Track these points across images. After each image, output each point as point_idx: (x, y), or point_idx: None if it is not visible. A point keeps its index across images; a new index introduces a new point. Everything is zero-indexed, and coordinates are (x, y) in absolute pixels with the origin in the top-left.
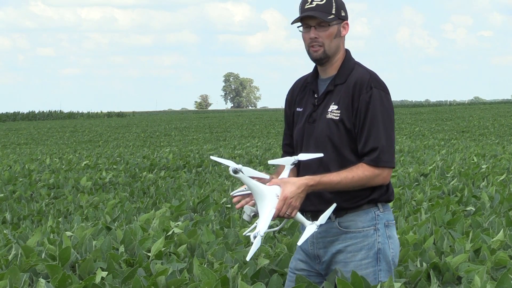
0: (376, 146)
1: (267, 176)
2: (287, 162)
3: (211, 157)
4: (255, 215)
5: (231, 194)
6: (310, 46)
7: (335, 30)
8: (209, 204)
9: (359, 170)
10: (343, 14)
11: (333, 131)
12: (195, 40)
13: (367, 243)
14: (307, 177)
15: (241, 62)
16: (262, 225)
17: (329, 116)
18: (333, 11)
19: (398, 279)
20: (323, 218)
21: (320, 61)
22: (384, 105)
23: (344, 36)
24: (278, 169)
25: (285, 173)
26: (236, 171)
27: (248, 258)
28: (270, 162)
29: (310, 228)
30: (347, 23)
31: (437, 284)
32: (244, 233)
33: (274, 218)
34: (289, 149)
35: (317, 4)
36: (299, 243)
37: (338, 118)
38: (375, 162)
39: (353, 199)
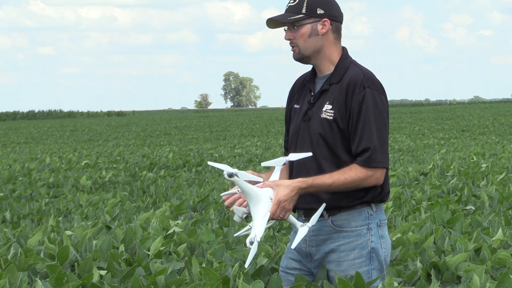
0: (369, 146)
1: (261, 179)
2: (279, 163)
3: (208, 163)
4: (247, 217)
5: (221, 195)
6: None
7: (308, 30)
8: (209, 203)
9: (352, 171)
10: (319, 11)
11: (327, 130)
12: (195, 39)
13: (360, 243)
14: (299, 179)
15: (241, 61)
16: (258, 230)
17: (323, 115)
18: (303, 11)
19: (396, 278)
20: (314, 219)
21: (300, 61)
22: (377, 105)
23: (325, 34)
24: (270, 168)
25: (276, 175)
26: (231, 175)
27: (247, 265)
28: (263, 164)
29: (303, 230)
30: (326, 20)
31: (437, 284)
32: (235, 235)
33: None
34: (287, 145)
35: (289, 6)
36: (293, 246)
37: (332, 118)
38: (367, 163)
39: (347, 198)
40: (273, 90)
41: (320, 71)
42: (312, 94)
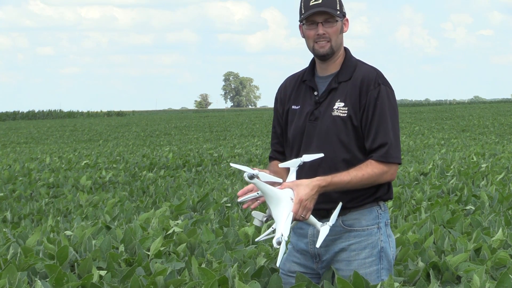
0: (385, 142)
1: (280, 180)
2: (294, 164)
3: (231, 164)
4: (267, 220)
5: (239, 200)
6: (315, 42)
7: (340, 26)
8: (209, 203)
9: (368, 167)
10: (344, 10)
11: (341, 128)
12: (195, 39)
13: (370, 242)
14: (318, 178)
15: (241, 61)
16: (284, 229)
17: (335, 113)
18: (338, 7)
19: (397, 277)
20: (334, 218)
21: (326, 56)
22: (391, 101)
23: (344, 32)
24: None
25: (292, 175)
26: (252, 177)
27: (278, 264)
28: (281, 165)
29: (325, 229)
30: (347, 20)
31: (436, 284)
32: (257, 239)
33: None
34: (278, 148)
35: (323, 0)
36: (318, 245)
37: (345, 115)
38: (385, 158)
39: (358, 198)
40: (273, 90)
41: (326, 70)
42: (316, 93)
